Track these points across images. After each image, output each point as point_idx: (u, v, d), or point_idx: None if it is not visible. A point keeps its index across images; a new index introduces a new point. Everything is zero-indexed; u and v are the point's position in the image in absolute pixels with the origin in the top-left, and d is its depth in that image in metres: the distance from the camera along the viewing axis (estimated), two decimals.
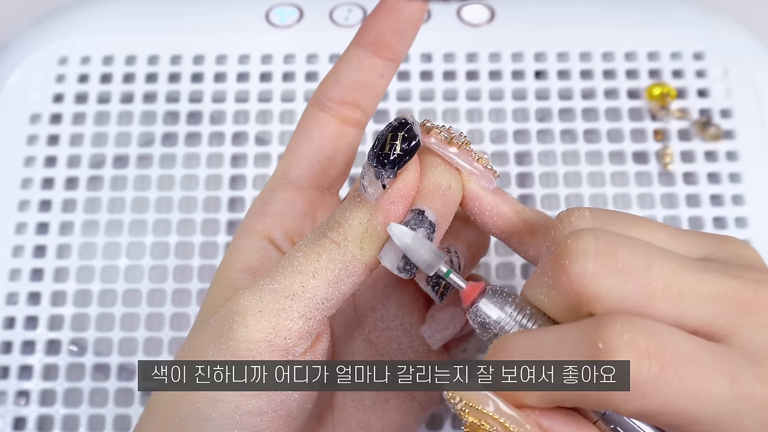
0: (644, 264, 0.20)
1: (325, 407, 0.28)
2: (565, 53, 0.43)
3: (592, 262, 0.20)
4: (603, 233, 0.21)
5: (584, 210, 0.23)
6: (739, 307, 0.20)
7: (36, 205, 0.40)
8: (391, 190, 0.22)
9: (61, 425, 0.36)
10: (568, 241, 0.21)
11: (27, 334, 0.37)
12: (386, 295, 0.29)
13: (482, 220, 0.25)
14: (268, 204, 0.28)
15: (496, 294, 0.23)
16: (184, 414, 0.23)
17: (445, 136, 0.24)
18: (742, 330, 0.20)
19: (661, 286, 0.20)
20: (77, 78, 0.43)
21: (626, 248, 0.20)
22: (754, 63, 0.42)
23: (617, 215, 0.23)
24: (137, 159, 0.41)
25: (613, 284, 0.20)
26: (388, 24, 0.27)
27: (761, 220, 0.39)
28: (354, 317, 0.29)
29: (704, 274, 0.20)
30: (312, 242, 0.23)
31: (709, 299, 0.20)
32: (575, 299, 0.20)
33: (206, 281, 0.38)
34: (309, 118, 0.28)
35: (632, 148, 0.41)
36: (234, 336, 0.22)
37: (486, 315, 0.22)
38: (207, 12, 0.44)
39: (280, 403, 0.23)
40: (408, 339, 0.29)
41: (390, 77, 0.28)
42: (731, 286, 0.20)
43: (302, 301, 0.22)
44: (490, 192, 0.25)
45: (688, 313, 0.20)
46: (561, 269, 0.20)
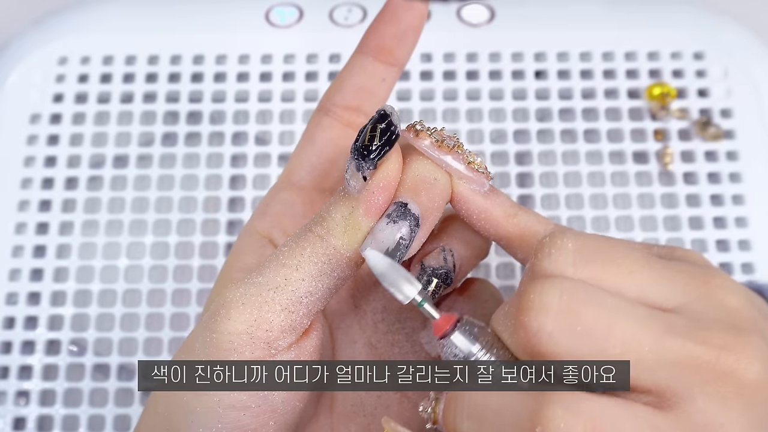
0: (605, 327, 0.20)
1: (323, 411, 0.28)
2: (565, 53, 0.43)
3: (551, 322, 0.20)
4: (570, 288, 0.20)
5: (567, 242, 0.22)
6: (697, 374, 0.20)
7: (36, 205, 0.40)
8: (370, 182, 0.22)
9: (61, 425, 0.36)
10: (531, 296, 0.21)
11: (27, 334, 0.37)
12: (388, 297, 0.29)
13: (471, 222, 0.25)
14: (270, 205, 0.28)
15: (467, 329, 0.22)
16: (173, 408, 0.23)
17: (436, 138, 0.24)
18: (695, 399, 0.20)
19: (619, 353, 0.20)
20: (77, 78, 0.43)
21: (590, 308, 0.20)
22: (754, 63, 0.42)
23: (601, 251, 0.22)
24: (137, 159, 0.41)
25: (569, 346, 0.20)
26: (389, 29, 0.28)
27: (761, 220, 0.39)
28: (355, 320, 0.29)
29: (667, 338, 0.20)
30: (298, 237, 0.23)
31: (666, 365, 0.20)
32: (531, 354, 0.21)
33: (206, 281, 0.38)
34: (313, 123, 0.29)
35: (632, 148, 0.41)
36: (217, 328, 0.22)
37: (456, 349, 0.22)
38: (207, 12, 0.44)
39: (262, 398, 0.23)
40: (410, 343, 0.28)
41: (392, 81, 0.28)
42: (693, 352, 0.20)
43: (285, 294, 0.22)
44: (481, 195, 0.24)
45: (644, 377, 0.20)
46: (520, 324, 0.21)
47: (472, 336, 0.22)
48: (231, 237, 0.39)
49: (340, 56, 0.43)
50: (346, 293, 0.29)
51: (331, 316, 0.29)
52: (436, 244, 0.26)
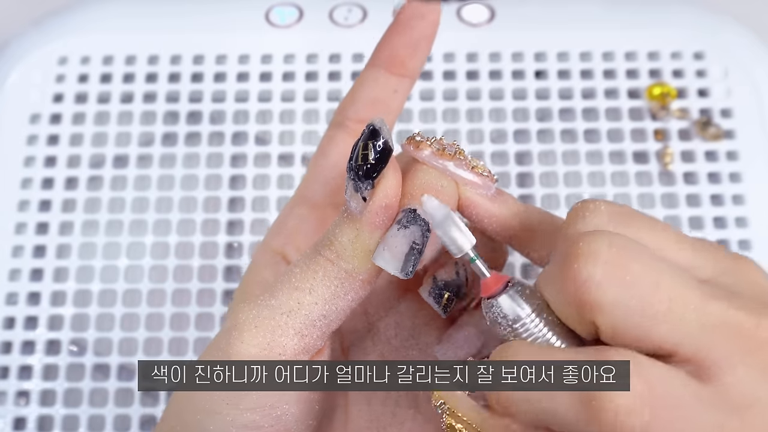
0: (653, 281, 0.20)
1: (338, 428, 0.27)
2: (565, 53, 0.43)
3: (600, 270, 0.20)
4: (618, 240, 0.20)
5: (600, 204, 0.22)
6: (738, 341, 0.20)
7: (36, 205, 0.40)
8: (371, 203, 0.22)
9: (61, 425, 0.36)
10: (581, 244, 0.20)
11: (27, 334, 0.37)
12: (401, 312, 0.29)
13: (482, 226, 0.25)
14: (284, 222, 0.28)
15: (518, 292, 0.22)
16: (187, 425, 0.23)
17: (437, 147, 0.23)
18: (735, 368, 0.20)
19: (665, 309, 0.20)
20: (77, 78, 0.43)
21: (638, 262, 0.20)
22: (754, 63, 0.42)
23: (635, 217, 0.22)
24: (137, 159, 0.41)
25: (617, 297, 0.20)
26: (402, 40, 0.27)
27: (761, 220, 0.39)
28: (368, 335, 0.29)
29: (710, 302, 0.20)
30: (308, 259, 0.23)
31: (709, 329, 0.20)
32: (579, 305, 0.20)
33: (206, 281, 0.38)
34: (327, 138, 0.29)
35: (632, 148, 0.41)
36: (230, 350, 0.22)
37: (501, 311, 0.22)
38: (207, 12, 0.44)
39: (276, 418, 0.23)
40: (424, 358, 0.28)
41: (405, 93, 0.28)
42: (735, 318, 0.20)
43: (298, 318, 0.22)
44: (488, 198, 0.24)
45: (686, 341, 0.20)
46: (569, 272, 0.20)
47: (521, 300, 0.22)
48: (231, 237, 0.39)
49: (340, 56, 0.43)
50: (359, 309, 0.29)
51: (344, 331, 0.28)
52: (449, 256, 0.26)
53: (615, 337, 0.20)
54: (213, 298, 0.38)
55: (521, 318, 0.22)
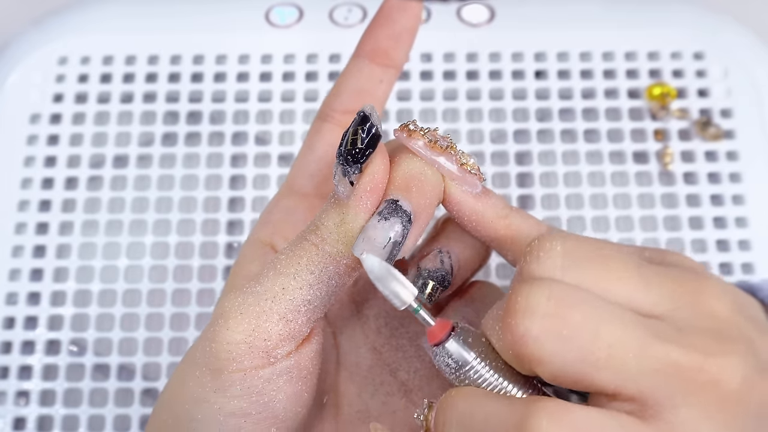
0: (592, 330, 0.20)
1: (328, 418, 0.28)
2: (565, 53, 0.43)
3: (537, 326, 0.20)
4: (558, 291, 0.20)
5: (556, 245, 0.22)
6: (680, 383, 0.20)
7: (36, 205, 0.40)
8: (357, 186, 0.22)
9: (61, 425, 0.36)
10: (518, 299, 0.21)
11: (27, 334, 0.37)
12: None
13: (463, 224, 0.25)
14: (272, 213, 0.28)
15: (463, 337, 0.22)
16: (177, 415, 0.23)
17: (429, 138, 0.23)
18: (678, 409, 0.20)
19: (605, 356, 0.20)
20: (77, 78, 0.43)
21: (577, 312, 0.20)
22: (754, 63, 0.42)
23: (590, 255, 0.22)
24: (137, 159, 0.41)
25: (555, 350, 0.20)
26: (384, 31, 0.28)
27: (761, 220, 0.39)
28: (358, 325, 0.29)
29: (653, 345, 0.20)
30: (294, 245, 0.23)
31: (650, 373, 0.20)
32: (518, 357, 0.21)
33: (206, 281, 0.38)
34: (313, 131, 0.29)
35: (632, 148, 0.41)
36: (216, 338, 0.22)
37: (449, 358, 0.22)
38: (207, 12, 0.44)
39: (263, 405, 0.23)
40: (414, 347, 0.28)
41: (390, 83, 0.28)
42: (678, 359, 0.20)
43: (282, 303, 0.22)
44: (473, 197, 0.24)
45: (627, 384, 0.20)
46: (507, 326, 0.20)
47: (467, 345, 0.22)
48: (231, 237, 0.39)
49: (340, 56, 0.43)
50: (347, 298, 0.29)
51: (333, 321, 0.29)
52: (434, 246, 0.26)
53: (556, 381, 0.21)
54: (213, 298, 0.38)
55: (468, 362, 0.22)
